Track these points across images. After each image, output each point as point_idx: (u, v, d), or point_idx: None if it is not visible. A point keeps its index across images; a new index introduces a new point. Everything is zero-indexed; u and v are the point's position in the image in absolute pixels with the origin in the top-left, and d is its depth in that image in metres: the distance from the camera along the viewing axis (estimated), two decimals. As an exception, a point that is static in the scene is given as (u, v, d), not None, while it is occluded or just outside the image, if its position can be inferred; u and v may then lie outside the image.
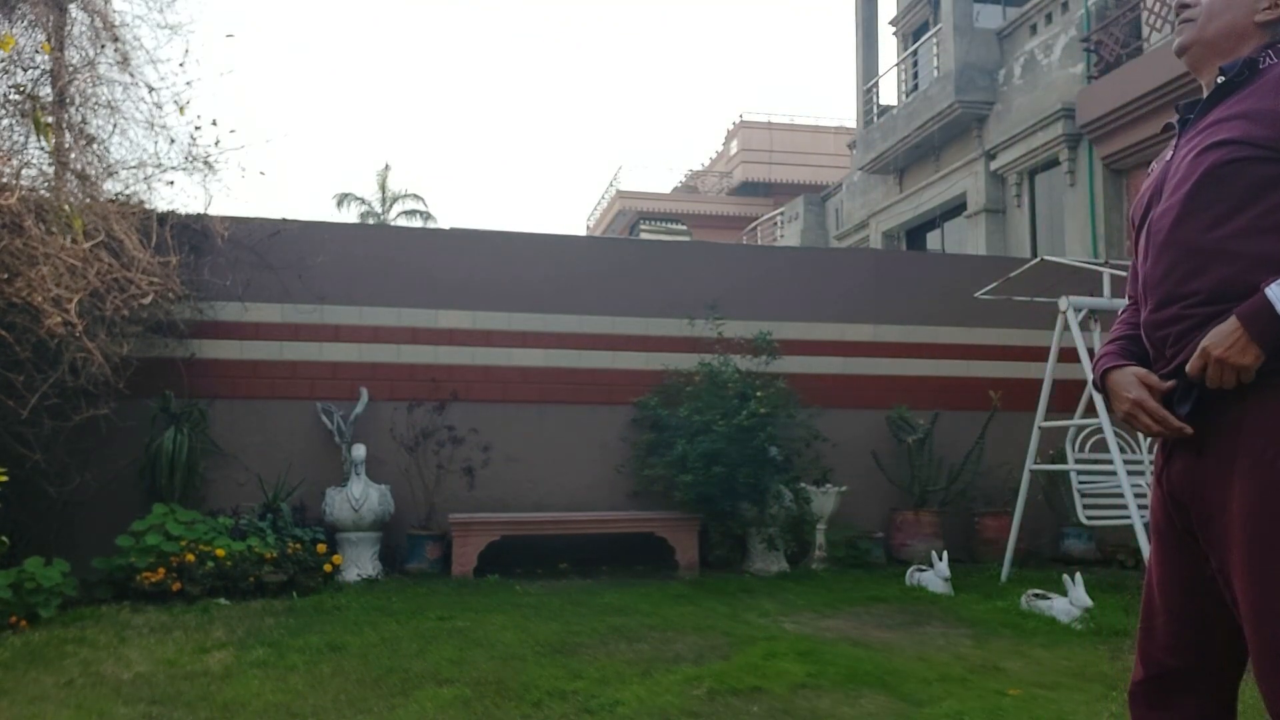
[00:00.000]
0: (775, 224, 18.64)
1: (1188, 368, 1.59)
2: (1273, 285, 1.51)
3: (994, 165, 10.73)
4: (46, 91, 5.80)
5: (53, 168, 5.72)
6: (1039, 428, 6.38)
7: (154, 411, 6.41)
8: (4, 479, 4.86)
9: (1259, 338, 1.50)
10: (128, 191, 6.18)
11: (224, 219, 6.67)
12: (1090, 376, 1.98)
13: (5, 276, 5.05)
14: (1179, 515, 1.69)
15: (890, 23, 15.01)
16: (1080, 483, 6.06)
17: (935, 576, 6.07)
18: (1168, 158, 1.82)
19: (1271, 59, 1.69)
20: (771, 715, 3.45)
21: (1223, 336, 1.53)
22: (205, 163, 6.32)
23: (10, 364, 5.35)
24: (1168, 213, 1.71)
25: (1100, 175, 9.05)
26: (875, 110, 13.83)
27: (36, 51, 5.72)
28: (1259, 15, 1.73)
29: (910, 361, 7.94)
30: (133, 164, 6.18)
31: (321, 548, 6.19)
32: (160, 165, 6.24)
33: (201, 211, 6.59)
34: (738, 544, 7.02)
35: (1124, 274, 7.18)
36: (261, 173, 14.46)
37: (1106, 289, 6.32)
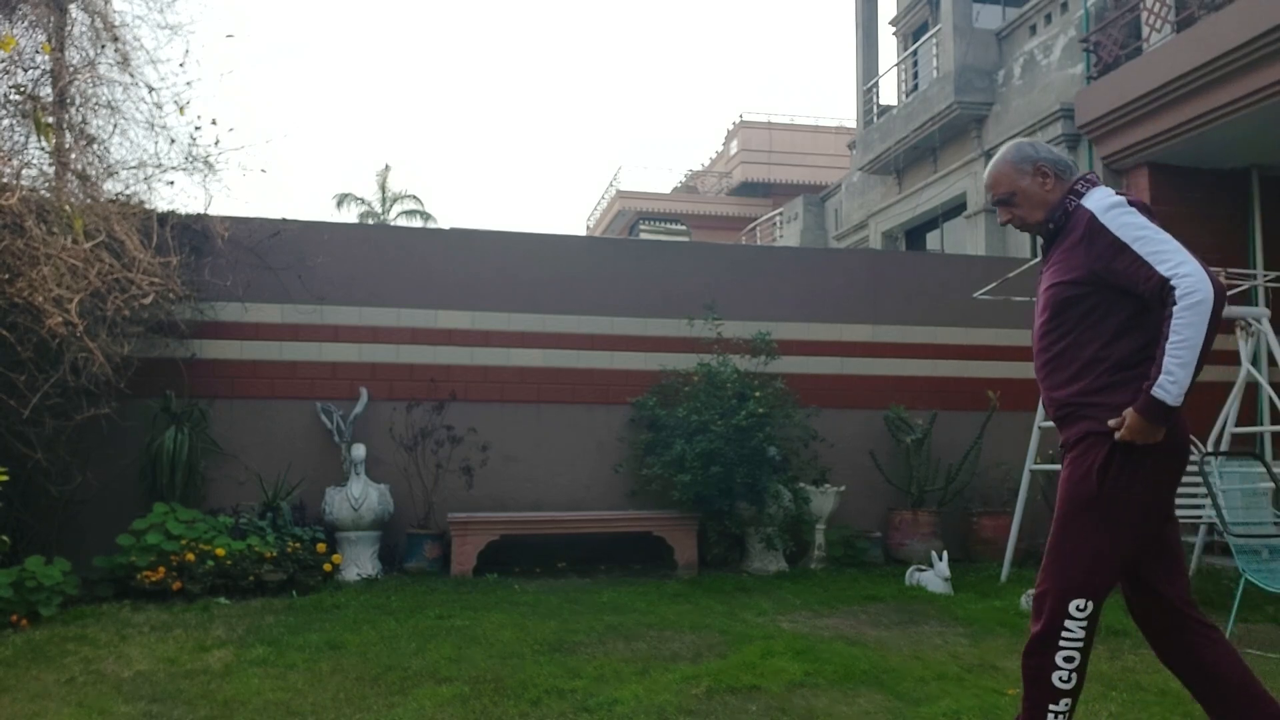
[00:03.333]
0: (774, 224, 18.62)
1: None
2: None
3: (993, 165, 10.75)
4: (47, 92, 5.81)
5: (53, 168, 5.73)
6: (1039, 427, 6.39)
7: (155, 411, 6.43)
8: (5, 478, 4.87)
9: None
10: (128, 192, 6.19)
11: (224, 219, 6.68)
12: None
13: (7, 277, 5.07)
14: None
15: (890, 23, 15.02)
16: (1078, 482, 6.06)
17: (935, 576, 6.09)
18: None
19: (1073, 203, 2.63)
20: (768, 714, 3.47)
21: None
22: (205, 163, 6.34)
23: (12, 364, 5.37)
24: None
25: (1100, 175, 9.07)
26: (875, 110, 13.84)
27: (37, 52, 5.73)
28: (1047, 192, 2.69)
29: (908, 361, 7.95)
30: (133, 164, 6.19)
31: (321, 547, 6.21)
32: (160, 165, 6.26)
33: (202, 212, 6.61)
34: (736, 543, 7.04)
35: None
36: (262, 172, 14.46)
37: (1104, 289, 6.33)
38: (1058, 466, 6.91)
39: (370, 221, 25.20)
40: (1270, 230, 8.80)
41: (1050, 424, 6.23)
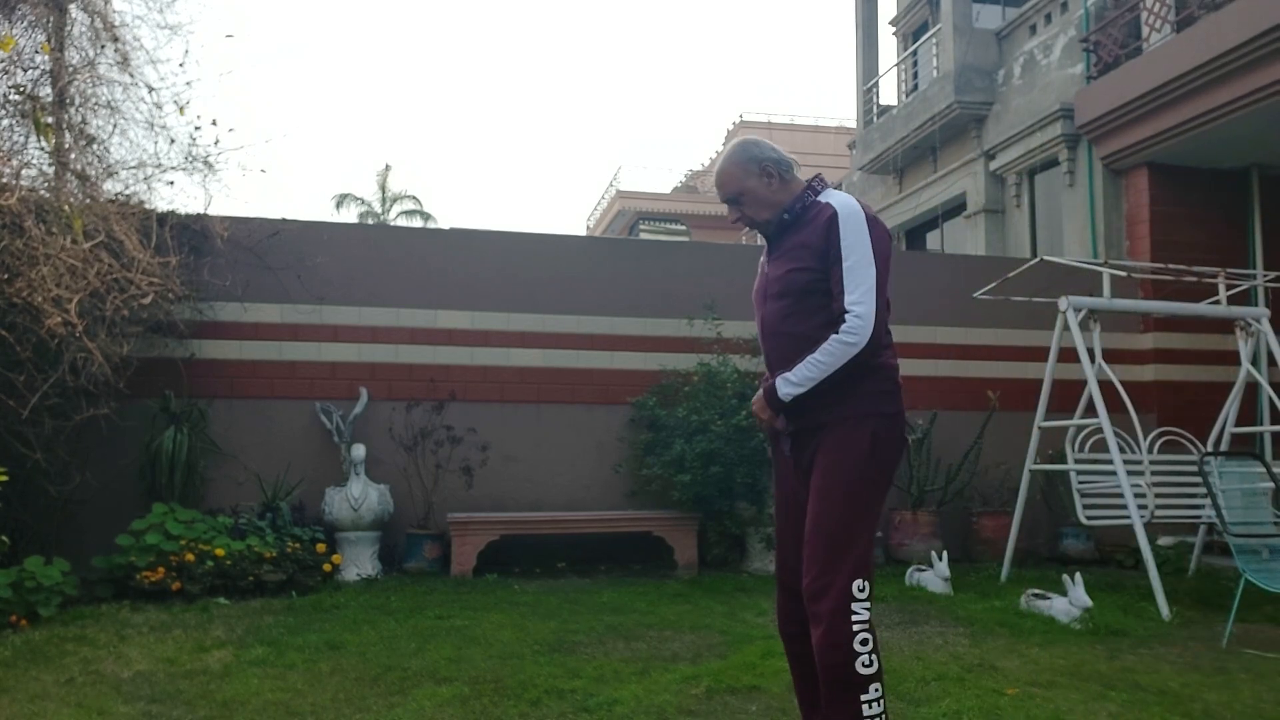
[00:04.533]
0: (775, 224, 18.60)
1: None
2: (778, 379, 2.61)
3: (993, 165, 10.72)
4: (46, 92, 5.81)
5: (53, 168, 5.73)
6: (1039, 428, 6.39)
7: (154, 411, 6.43)
8: (5, 478, 4.87)
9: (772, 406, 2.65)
10: (128, 192, 6.19)
11: (224, 219, 6.68)
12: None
13: (6, 277, 5.07)
14: (797, 471, 2.71)
15: (890, 23, 15.00)
16: (1080, 483, 6.07)
17: (935, 576, 6.08)
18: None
19: (810, 198, 2.75)
20: (768, 714, 3.46)
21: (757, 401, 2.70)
22: (205, 163, 6.34)
23: (11, 364, 5.36)
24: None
25: (1099, 175, 9.04)
26: (875, 110, 13.83)
27: (36, 52, 5.73)
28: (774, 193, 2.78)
29: (908, 361, 7.84)
30: (133, 164, 6.20)
31: (321, 547, 6.21)
32: (160, 165, 6.26)
33: (201, 212, 6.61)
34: (735, 543, 7.04)
35: (1123, 274, 7.21)
36: (262, 172, 14.45)
37: (1106, 289, 6.32)
38: (1058, 466, 6.93)
39: (370, 221, 25.20)
40: (1270, 230, 8.80)
41: (1050, 424, 6.29)
